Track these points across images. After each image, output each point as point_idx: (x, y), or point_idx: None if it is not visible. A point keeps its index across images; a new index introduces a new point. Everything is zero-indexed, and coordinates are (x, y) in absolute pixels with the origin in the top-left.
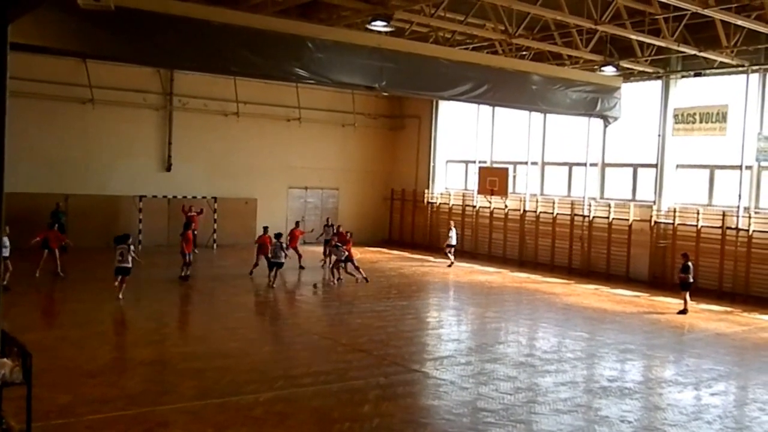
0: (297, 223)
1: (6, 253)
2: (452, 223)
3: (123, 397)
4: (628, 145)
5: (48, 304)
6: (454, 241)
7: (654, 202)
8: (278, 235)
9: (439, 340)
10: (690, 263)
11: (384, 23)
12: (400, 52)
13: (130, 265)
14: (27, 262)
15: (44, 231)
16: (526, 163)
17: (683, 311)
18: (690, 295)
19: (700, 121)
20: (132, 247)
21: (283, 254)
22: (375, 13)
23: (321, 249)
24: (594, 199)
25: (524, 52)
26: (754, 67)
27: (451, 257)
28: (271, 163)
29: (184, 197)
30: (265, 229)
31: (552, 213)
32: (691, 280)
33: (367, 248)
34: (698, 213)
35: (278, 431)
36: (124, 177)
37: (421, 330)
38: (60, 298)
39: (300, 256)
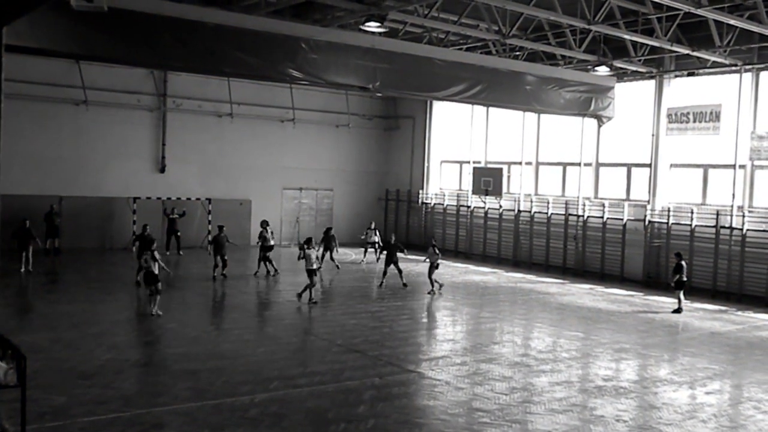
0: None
1: None
2: (373, 223)
3: (118, 398)
4: (621, 145)
5: (41, 306)
6: (376, 238)
7: (648, 201)
8: (308, 241)
9: (434, 341)
10: (683, 262)
11: (378, 24)
12: (394, 52)
13: (156, 271)
14: (21, 264)
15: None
16: (520, 163)
17: (678, 310)
18: (684, 294)
19: (694, 121)
20: (157, 254)
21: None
22: (369, 14)
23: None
24: (588, 198)
25: (518, 53)
26: (747, 67)
27: (375, 255)
28: (266, 164)
29: (178, 198)
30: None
31: (546, 213)
32: (685, 279)
33: (361, 249)
34: (692, 212)
35: None
36: (117, 178)
37: (416, 330)
38: (53, 300)
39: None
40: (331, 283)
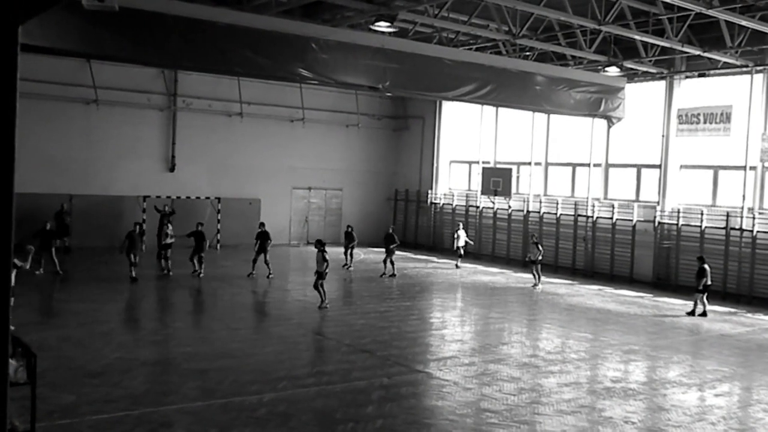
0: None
1: None
2: (460, 224)
3: (126, 397)
4: (631, 146)
5: (51, 304)
6: (461, 242)
7: (658, 202)
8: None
9: (442, 341)
10: (706, 266)
11: (388, 24)
12: (404, 52)
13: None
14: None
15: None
16: (529, 163)
17: (703, 314)
18: (708, 298)
19: (704, 122)
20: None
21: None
22: (379, 14)
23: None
24: (597, 199)
25: (528, 53)
26: (759, 68)
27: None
28: (275, 163)
29: (188, 198)
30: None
31: (555, 213)
32: (710, 283)
33: (370, 249)
34: (702, 214)
35: None
36: (127, 177)
37: (424, 330)
38: (63, 298)
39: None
40: (342, 283)
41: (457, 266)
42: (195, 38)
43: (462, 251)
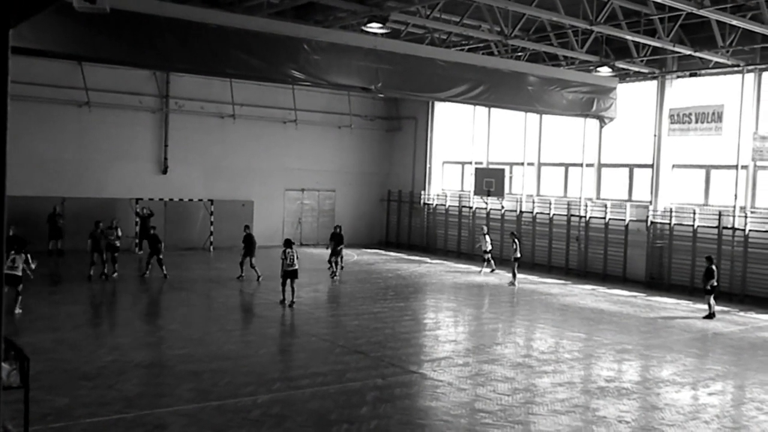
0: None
1: None
2: (485, 228)
3: (120, 399)
4: (624, 146)
5: (44, 307)
6: (489, 246)
7: (650, 202)
8: (288, 243)
9: (436, 342)
10: (714, 266)
11: (380, 25)
12: (396, 53)
13: (20, 273)
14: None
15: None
16: (522, 163)
17: (710, 316)
18: (715, 299)
19: (696, 121)
20: (27, 256)
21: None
22: (371, 15)
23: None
24: (590, 199)
25: (520, 53)
26: (750, 67)
27: (488, 267)
28: (268, 165)
29: (180, 200)
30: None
31: (548, 214)
32: (716, 284)
33: (363, 250)
34: (694, 213)
35: None
36: (120, 180)
37: (418, 331)
38: (56, 301)
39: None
40: (333, 284)
41: (480, 272)
42: (187, 40)
43: (488, 256)
